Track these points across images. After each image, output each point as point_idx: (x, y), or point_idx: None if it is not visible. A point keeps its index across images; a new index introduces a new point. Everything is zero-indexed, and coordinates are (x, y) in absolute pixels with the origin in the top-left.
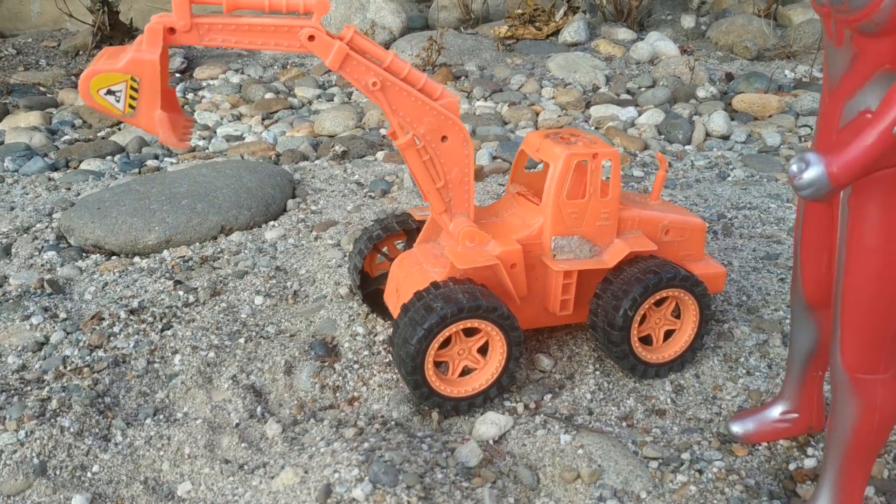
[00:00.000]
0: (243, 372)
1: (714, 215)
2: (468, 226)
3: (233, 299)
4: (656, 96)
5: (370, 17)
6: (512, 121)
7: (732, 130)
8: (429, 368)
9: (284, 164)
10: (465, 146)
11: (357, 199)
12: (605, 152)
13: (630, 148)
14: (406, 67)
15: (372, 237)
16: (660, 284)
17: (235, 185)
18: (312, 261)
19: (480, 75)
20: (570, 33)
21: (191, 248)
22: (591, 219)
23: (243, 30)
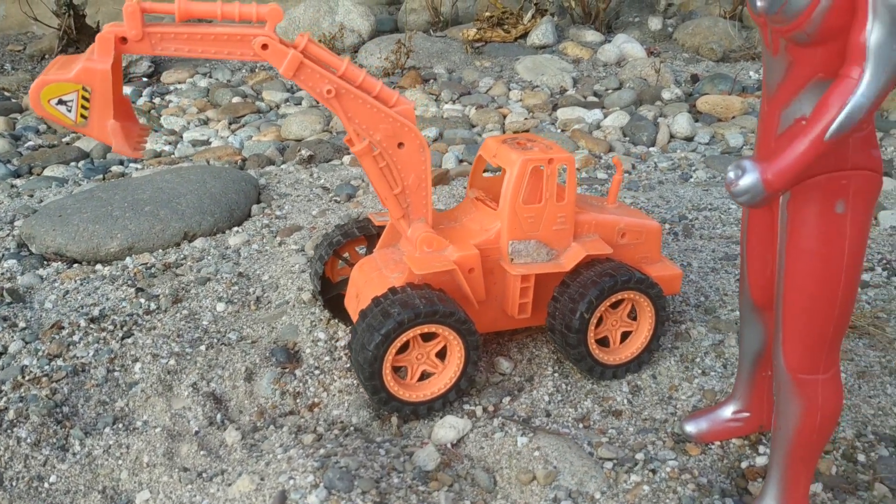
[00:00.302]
0: (204, 379)
1: (675, 217)
2: (426, 231)
3: (195, 306)
4: (622, 98)
5: (339, 21)
6: (479, 124)
7: (696, 132)
8: (387, 373)
9: (250, 168)
10: (422, 152)
11: (322, 204)
12: (561, 157)
13: (595, 150)
14: (361, 75)
15: (332, 243)
16: (615, 287)
17: (199, 191)
18: (276, 266)
19: (449, 78)
20: (538, 36)
21: (153, 254)
22: (548, 223)
23: (196, 39)
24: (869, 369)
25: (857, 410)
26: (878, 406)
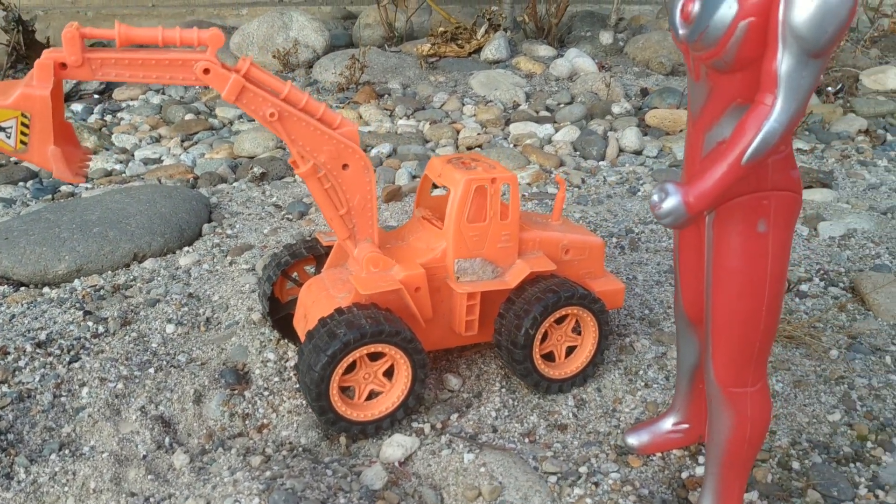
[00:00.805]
0: (152, 402)
1: (622, 230)
2: (372, 251)
3: (144, 328)
4: (573, 113)
5: (293, 36)
6: (433, 139)
7: (645, 146)
8: (334, 394)
9: (202, 187)
10: (367, 173)
11: (274, 222)
12: (504, 177)
13: (546, 165)
14: (304, 98)
15: (280, 263)
16: (558, 303)
17: (149, 211)
18: (226, 286)
19: (403, 93)
20: (491, 51)
21: (102, 276)
22: (493, 241)
23: (137, 64)
24: (805, 378)
25: (792, 419)
26: (812, 414)
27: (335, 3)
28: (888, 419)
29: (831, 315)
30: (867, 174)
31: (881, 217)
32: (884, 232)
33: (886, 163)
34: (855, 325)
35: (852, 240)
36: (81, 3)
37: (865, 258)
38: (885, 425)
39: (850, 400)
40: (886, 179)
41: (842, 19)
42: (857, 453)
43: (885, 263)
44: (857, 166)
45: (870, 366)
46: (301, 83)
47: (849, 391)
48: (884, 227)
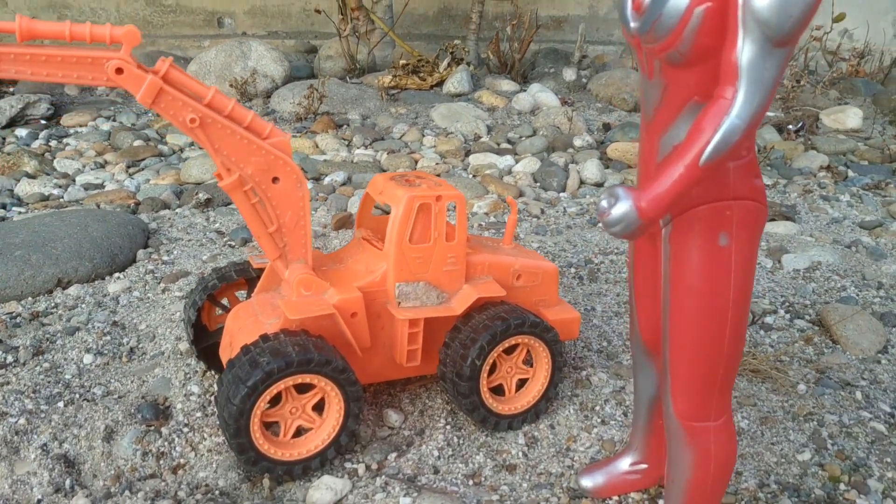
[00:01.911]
0: (56, 440)
1: (581, 261)
2: (304, 273)
3: (58, 358)
4: (534, 145)
5: (251, 65)
6: (390, 168)
7: (606, 178)
8: (255, 430)
9: (143, 213)
10: (299, 188)
11: (215, 249)
12: (450, 195)
13: (505, 195)
14: (230, 104)
15: (207, 287)
16: (508, 331)
17: (78, 235)
18: (155, 315)
19: (362, 124)
20: (453, 84)
21: (21, 303)
22: (438, 264)
23: (39, 61)
24: (772, 414)
25: (759, 458)
26: (780, 453)
27: (298, 36)
28: (861, 459)
29: (798, 348)
30: (830, 209)
31: (845, 250)
32: (848, 265)
33: (849, 198)
34: (822, 359)
35: (817, 272)
36: None
37: (831, 291)
38: (858, 465)
39: (820, 438)
40: (849, 214)
41: (808, 2)
42: (830, 496)
43: (851, 296)
44: (819, 201)
45: (839, 401)
46: (258, 112)
47: (818, 428)
48: (848, 260)
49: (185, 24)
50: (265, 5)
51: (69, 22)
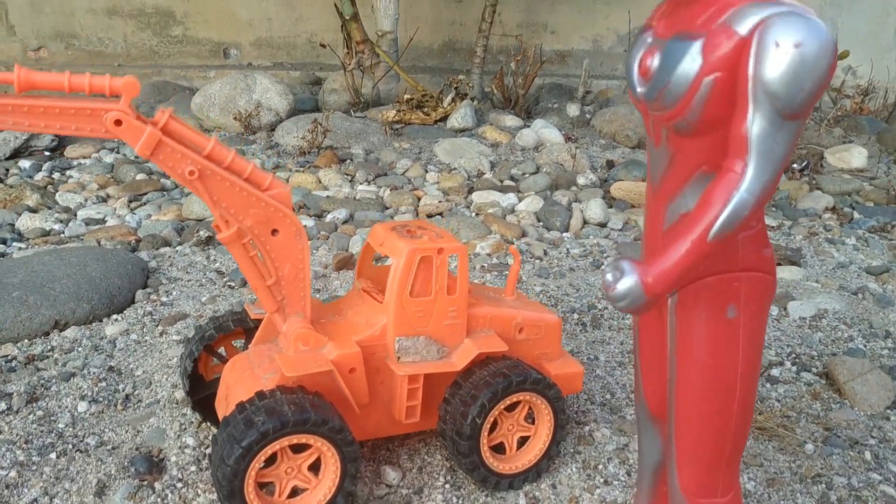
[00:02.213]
0: (47, 495)
1: (584, 306)
2: (302, 327)
3: (52, 406)
4: (537, 183)
5: (256, 98)
6: (393, 205)
7: (609, 218)
8: (250, 491)
9: (143, 250)
10: (299, 240)
11: (214, 290)
12: (452, 247)
13: (508, 235)
14: (230, 155)
15: (204, 337)
16: (509, 389)
17: (77, 275)
18: (152, 360)
19: (366, 159)
20: (457, 119)
21: (17, 345)
22: (438, 317)
23: (38, 112)
24: (779, 476)
25: None
26: None
27: (303, 68)
28: None
29: (805, 403)
30: (835, 252)
31: (852, 297)
32: (855, 313)
33: (854, 241)
34: (830, 415)
35: (823, 321)
36: (45, 59)
37: (838, 341)
38: None
39: (828, 502)
40: (855, 258)
41: (820, 75)
42: None
43: (858, 347)
44: (825, 244)
45: (848, 462)
46: (262, 146)
47: (827, 491)
48: (855, 307)
49: (192, 55)
50: (271, 37)
51: (68, 73)
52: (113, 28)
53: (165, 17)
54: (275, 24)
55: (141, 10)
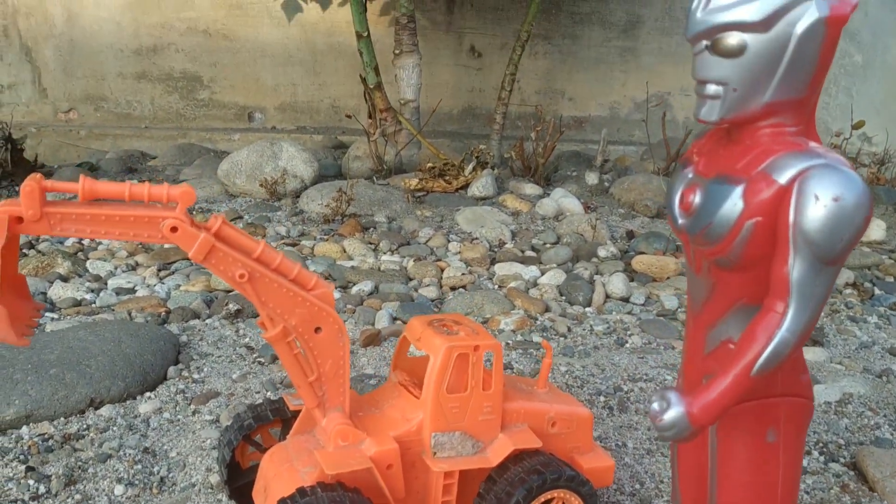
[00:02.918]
0: None
1: (610, 388)
2: (341, 423)
3: (90, 489)
4: (559, 255)
5: (282, 166)
6: (416, 277)
7: (632, 292)
8: None
9: (173, 322)
10: (341, 338)
11: (244, 366)
12: (487, 344)
13: (531, 311)
14: (278, 258)
15: (243, 427)
16: (544, 486)
17: (112, 352)
18: (186, 441)
19: (389, 227)
20: (478, 188)
21: (54, 423)
22: (474, 413)
23: (100, 220)
24: None
25: None
26: None
27: (326, 132)
28: None
29: (834, 495)
30: (858, 331)
31: (876, 380)
32: (881, 397)
33: (876, 319)
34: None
35: (849, 406)
36: (75, 121)
37: (864, 428)
38: None
39: None
40: (878, 338)
41: (857, 225)
42: None
43: (885, 437)
44: (847, 322)
45: None
46: (287, 213)
47: None
48: (880, 391)
49: (217, 118)
50: (295, 101)
51: (129, 183)
52: (141, 91)
53: (193, 81)
54: (299, 89)
55: (169, 74)
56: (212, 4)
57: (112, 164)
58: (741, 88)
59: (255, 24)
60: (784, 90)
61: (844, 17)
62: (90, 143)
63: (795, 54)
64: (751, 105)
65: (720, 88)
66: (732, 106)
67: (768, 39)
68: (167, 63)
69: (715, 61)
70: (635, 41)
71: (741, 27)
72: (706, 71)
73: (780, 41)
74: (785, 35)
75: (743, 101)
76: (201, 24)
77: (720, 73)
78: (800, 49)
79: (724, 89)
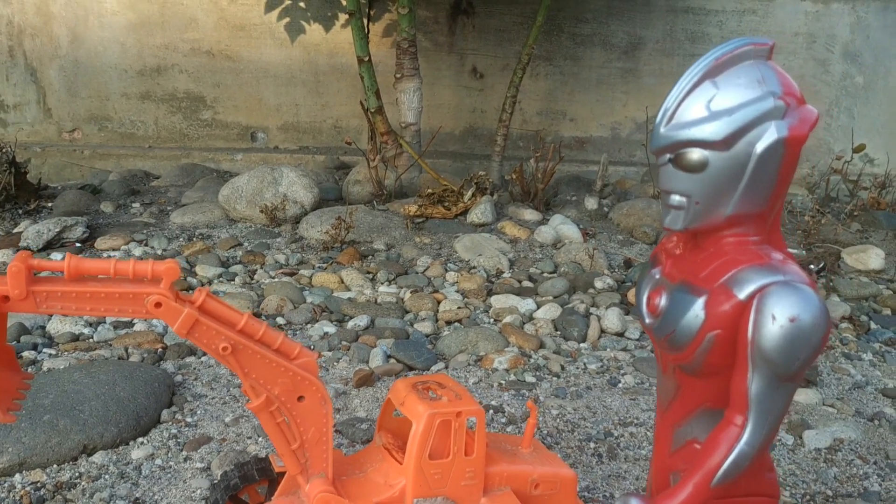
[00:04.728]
0: None
1: (601, 433)
2: (323, 490)
3: None
4: (555, 287)
5: (282, 192)
6: (413, 310)
7: (626, 327)
8: None
9: (169, 359)
10: (323, 405)
11: (237, 408)
12: (470, 410)
13: (525, 347)
14: (261, 329)
15: (230, 486)
16: None
17: (106, 396)
18: (176, 490)
19: (387, 256)
20: (477, 214)
21: (46, 471)
22: (456, 478)
23: (85, 297)
24: None
25: None
26: None
27: (328, 152)
28: None
29: None
30: (852, 369)
31: (868, 424)
32: (871, 443)
33: (871, 356)
34: None
35: (839, 454)
36: (79, 141)
37: (853, 478)
38: None
39: None
40: (872, 377)
41: (814, 345)
42: None
43: (874, 489)
44: (841, 359)
45: None
46: (286, 239)
47: None
48: (871, 436)
49: (220, 138)
50: (297, 122)
51: (114, 260)
52: (145, 111)
53: (196, 101)
54: (302, 109)
55: (173, 94)
56: (215, 26)
57: (115, 185)
58: (703, 201)
59: (258, 45)
60: (745, 204)
61: (803, 136)
62: (94, 162)
63: (755, 172)
64: (713, 217)
65: (683, 200)
66: (695, 217)
67: (729, 157)
68: (171, 83)
69: (678, 175)
70: (636, 62)
71: (702, 145)
72: (670, 183)
73: (741, 159)
74: (745, 154)
75: (705, 213)
76: (205, 45)
77: (683, 186)
78: (760, 167)
79: (688, 201)
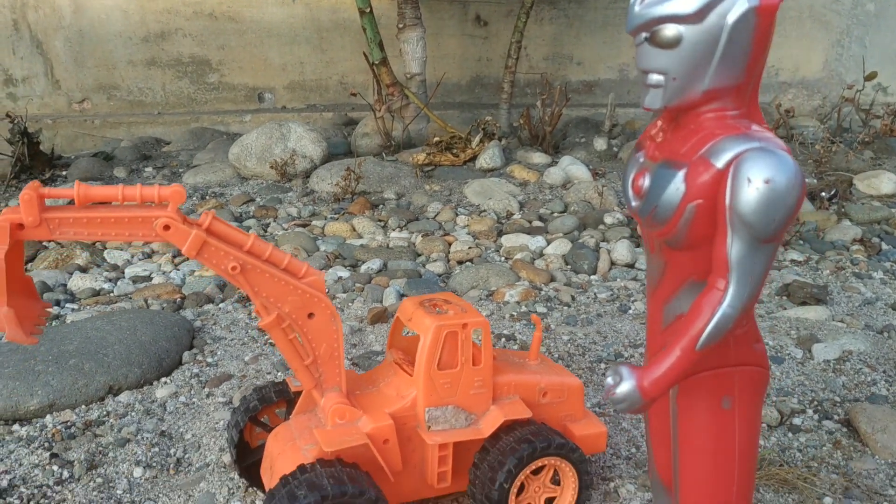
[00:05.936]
0: None
1: (611, 354)
2: (338, 402)
3: (111, 472)
4: (565, 224)
5: (291, 147)
6: (424, 253)
7: (636, 258)
8: None
9: (188, 307)
10: (333, 322)
11: (256, 348)
12: (475, 322)
13: (536, 281)
14: (268, 249)
15: (249, 408)
16: (534, 454)
17: (128, 341)
18: (200, 423)
19: (398, 204)
20: (486, 159)
21: (75, 411)
22: (465, 388)
23: (96, 223)
24: None
25: None
26: None
27: (336, 109)
28: None
29: (826, 452)
30: (863, 287)
31: (877, 337)
32: (880, 353)
33: (882, 275)
34: (851, 464)
35: (847, 364)
36: (89, 111)
37: (861, 385)
38: None
39: None
40: (882, 293)
41: (789, 206)
42: None
43: (881, 393)
44: (852, 279)
45: None
46: (298, 193)
47: None
48: (880, 347)
49: (227, 100)
50: (303, 80)
51: (121, 185)
52: (152, 78)
53: (202, 65)
54: (307, 67)
55: (178, 59)
56: None
57: (127, 152)
58: (680, 77)
59: (260, 5)
60: (721, 77)
61: (774, 6)
62: (105, 131)
63: (729, 43)
64: (691, 92)
65: (661, 78)
66: (674, 94)
67: (702, 30)
68: (175, 48)
69: (654, 52)
70: None
71: (676, 19)
72: (647, 61)
73: (714, 32)
74: (717, 26)
75: (683, 89)
76: (206, 8)
77: (660, 63)
78: (732, 38)
79: (665, 78)
